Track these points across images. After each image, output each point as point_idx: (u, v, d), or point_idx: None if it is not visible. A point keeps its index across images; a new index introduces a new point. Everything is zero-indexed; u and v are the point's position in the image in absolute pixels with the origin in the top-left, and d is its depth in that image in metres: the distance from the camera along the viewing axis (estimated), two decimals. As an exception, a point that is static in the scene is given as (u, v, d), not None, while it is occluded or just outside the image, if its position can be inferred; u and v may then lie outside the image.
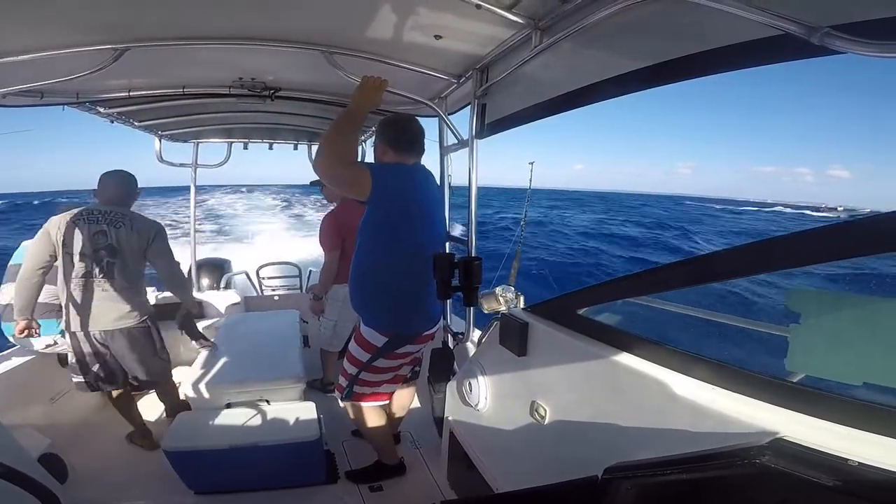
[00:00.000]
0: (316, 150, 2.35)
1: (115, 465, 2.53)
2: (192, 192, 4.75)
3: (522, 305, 1.87)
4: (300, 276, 5.69)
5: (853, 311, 0.90)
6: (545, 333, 1.50)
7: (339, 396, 2.28)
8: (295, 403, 2.51)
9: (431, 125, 2.69)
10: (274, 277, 5.77)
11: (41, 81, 2.07)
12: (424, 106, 2.54)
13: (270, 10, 1.73)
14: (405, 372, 2.31)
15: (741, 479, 0.80)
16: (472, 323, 2.57)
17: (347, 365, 2.18)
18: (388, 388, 2.26)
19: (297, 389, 2.60)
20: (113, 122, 3.14)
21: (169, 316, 2.80)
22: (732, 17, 0.93)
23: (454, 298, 2.06)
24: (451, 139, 2.68)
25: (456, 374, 2.24)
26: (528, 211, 2.75)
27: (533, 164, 2.55)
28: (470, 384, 1.86)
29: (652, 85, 1.29)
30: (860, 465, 0.69)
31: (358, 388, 2.19)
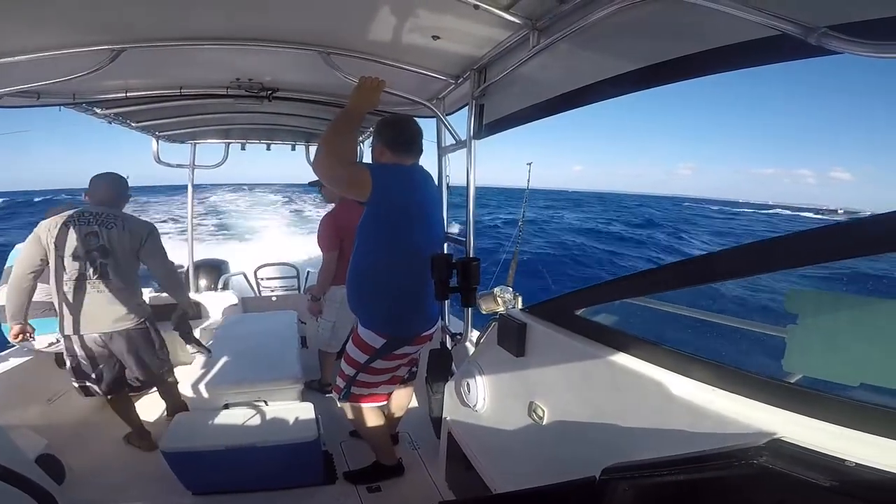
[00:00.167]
0: (314, 150, 2.35)
1: (112, 465, 2.53)
2: (189, 192, 4.74)
3: (520, 306, 1.87)
4: (298, 276, 5.69)
5: (850, 311, 0.90)
6: (543, 334, 1.50)
7: (336, 397, 2.27)
8: (293, 404, 2.51)
9: (429, 126, 2.69)
10: (272, 278, 5.76)
11: (37, 82, 2.06)
12: (422, 106, 2.53)
13: (268, 10, 1.72)
14: (403, 373, 2.31)
15: (739, 479, 0.80)
16: (470, 323, 2.57)
17: (345, 366, 2.18)
18: (385, 388, 2.26)
19: (295, 390, 2.60)
20: (110, 122, 3.13)
21: (165, 317, 2.80)
22: (730, 17, 0.93)
23: (452, 299, 2.06)
24: (448, 140, 2.67)
25: (454, 374, 2.24)
26: (525, 211, 2.75)
27: (531, 164, 2.54)
28: (468, 385, 1.85)
29: (649, 85, 1.29)
30: (857, 465, 0.69)
31: (356, 389, 2.19)
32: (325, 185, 3.04)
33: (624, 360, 1.18)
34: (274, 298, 4.84)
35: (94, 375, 2.51)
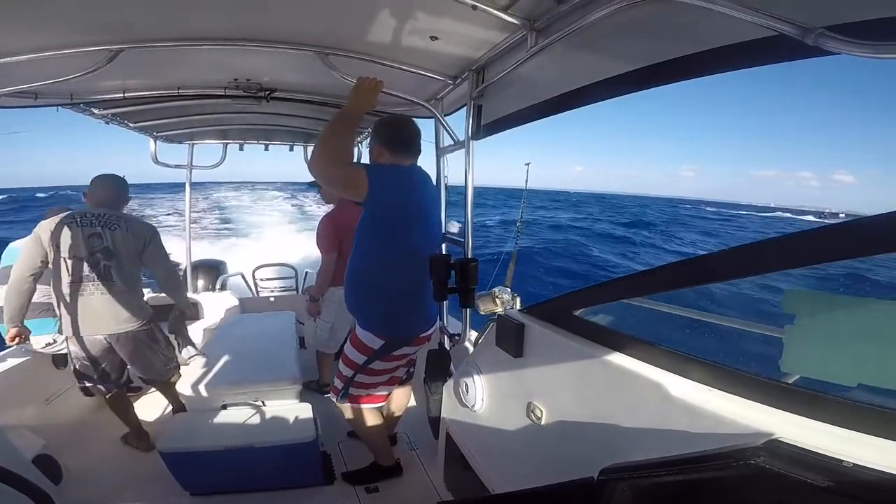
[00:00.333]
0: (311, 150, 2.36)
1: (110, 466, 2.52)
2: (187, 192, 4.74)
3: (518, 307, 1.87)
4: (296, 277, 5.68)
5: (848, 312, 0.90)
6: (541, 335, 1.49)
7: (334, 398, 2.27)
8: (291, 404, 2.50)
9: (427, 126, 2.69)
10: (270, 279, 5.76)
11: (35, 82, 2.06)
12: (420, 107, 2.53)
13: (266, 10, 1.72)
14: (401, 374, 2.31)
15: (736, 479, 0.80)
16: (468, 324, 2.57)
17: (343, 367, 2.18)
18: (383, 389, 2.26)
19: (293, 391, 2.59)
20: (107, 123, 3.12)
21: (162, 318, 2.80)
22: (727, 17, 0.93)
23: (450, 299, 2.06)
24: (447, 140, 2.67)
25: (452, 375, 2.24)
26: (523, 212, 2.75)
27: (529, 165, 2.55)
28: (466, 385, 1.85)
29: (647, 86, 1.29)
30: (854, 466, 0.69)
31: (353, 390, 2.18)
32: (321, 185, 3.04)
33: (622, 360, 1.18)
34: (272, 299, 4.83)
35: (96, 376, 2.51)
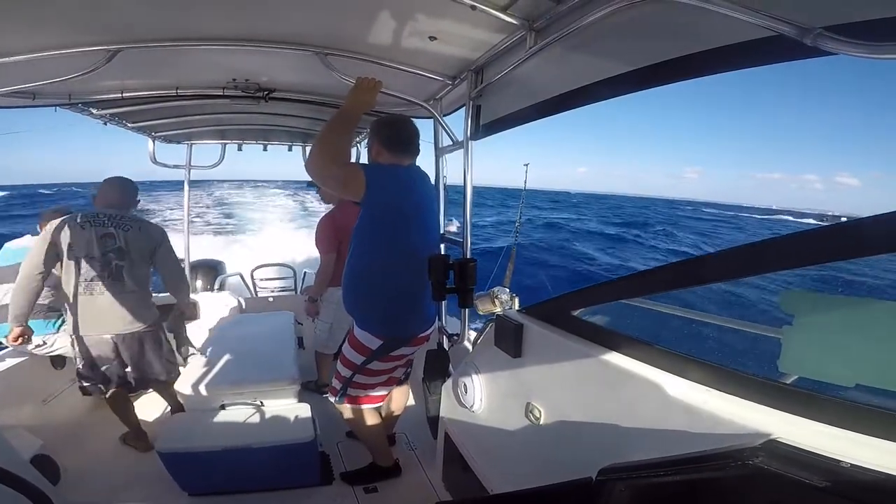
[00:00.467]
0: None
1: (108, 466, 2.52)
2: (185, 192, 4.73)
3: (517, 307, 1.87)
4: (295, 277, 5.68)
5: (846, 312, 0.90)
6: (540, 335, 1.49)
7: (333, 399, 2.27)
8: (290, 405, 2.50)
9: (426, 126, 2.70)
10: (268, 279, 5.75)
11: (33, 82, 2.06)
12: (419, 107, 2.53)
13: (265, 11, 1.72)
14: (399, 374, 2.31)
15: (735, 480, 0.80)
16: (466, 324, 2.57)
17: (341, 367, 2.17)
18: (382, 390, 2.26)
19: (291, 391, 2.59)
20: (106, 123, 3.12)
21: (164, 318, 2.79)
22: (726, 17, 0.93)
23: (449, 299, 2.06)
24: (445, 140, 2.67)
25: (451, 375, 2.24)
26: (521, 212, 2.75)
27: (528, 165, 2.55)
28: (465, 385, 1.85)
29: (647, 86, 1.29)
30: (852, 466, 0.69)
31: (352, 390, 2.18)
32: (319, 185, 3.04)
33: (620, 360, 1.17)
34: (271, 299, 4.83)
35: (100, 376, 2.50)
